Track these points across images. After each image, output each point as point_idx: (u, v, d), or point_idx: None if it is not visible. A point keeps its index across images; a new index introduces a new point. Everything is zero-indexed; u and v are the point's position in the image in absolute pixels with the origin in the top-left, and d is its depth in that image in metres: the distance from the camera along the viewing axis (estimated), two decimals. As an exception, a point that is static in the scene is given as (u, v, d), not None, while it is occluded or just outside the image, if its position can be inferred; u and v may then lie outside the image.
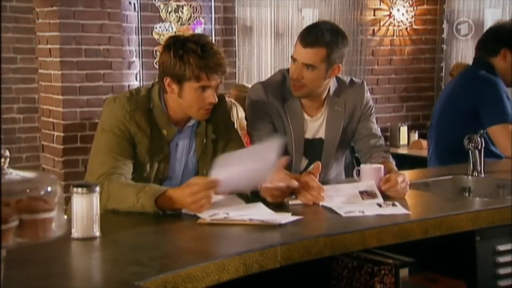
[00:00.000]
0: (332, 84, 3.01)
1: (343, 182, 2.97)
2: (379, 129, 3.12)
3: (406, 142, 6.59)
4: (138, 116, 2.61)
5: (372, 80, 6.70)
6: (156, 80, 2.71)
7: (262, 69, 6.02)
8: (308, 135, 3.01)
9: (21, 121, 6.20)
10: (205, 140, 2.73)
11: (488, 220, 2.51)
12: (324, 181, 3.02)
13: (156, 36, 5.58)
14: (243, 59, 6.02)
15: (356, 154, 3.23)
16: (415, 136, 6.58)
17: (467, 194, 3.13)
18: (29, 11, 5.98)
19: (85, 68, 5.26)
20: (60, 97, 5.22)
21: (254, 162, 2.45)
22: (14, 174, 1.45)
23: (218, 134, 2.77)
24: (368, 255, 2.43)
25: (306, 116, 3.00)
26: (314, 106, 3.01)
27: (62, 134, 5.22)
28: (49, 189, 1.44)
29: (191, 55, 2.53)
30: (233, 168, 2.42)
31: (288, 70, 3.00)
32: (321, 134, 3.02)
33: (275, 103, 2.96)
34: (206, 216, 2.34)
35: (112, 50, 5.32)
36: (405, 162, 5.59)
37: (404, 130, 6.60)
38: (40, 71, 5.47)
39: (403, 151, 6.46)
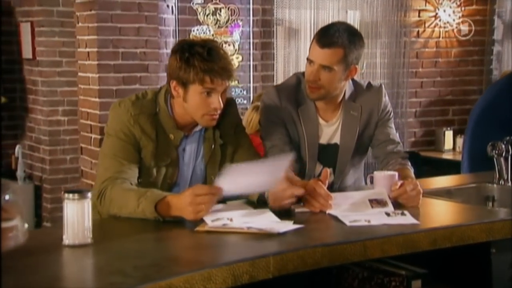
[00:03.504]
0: (348, 88, 2.93)
1: (361, 189, 2.90)
2: (397, 134, 3.03)
3: (451, 147, 6.41)
4: (143, 120, 2.58)
5: (416, 83, 6.56)
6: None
7: (301, 72, 5.93)
8: (323, 140, 2.93)
9: (66, 123, 6.28)
10: (213, 146, 2.69)
11: (504, 231, 2.40)
12: (341, 188, 2.96)
13: (193, 39, 5.56)
14: (281, 62, 5.95)
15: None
16: (461, 141, 6.38)
17: (490, 203, 3.00)
18: (73, 16, 6.05)
19: (122, 71, 5.28)
20: (97, 100, 5.26)
21: (261, 176, 2.42)
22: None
23: (226, 139, 2.72)
24: (381, 265, 2.35)
25: (321, 121, 2.93)
26: (330, 111, 2.93)
27: (98, 137, 5.25)
28: (7, 197, 1.41)
29: (197, 58, 2.50)
30: (239, 179, 2.38)
31: (303, 73, 2.93)
32: (336, 140, 2.94)
33: (288, 107, 2.89)
34: (208, 220, 2.30)
35: (148, 53, 5.33)
36: (450, 167, 5.42)
37: (449, 134, 6.43)
38: (79, 74, 5.52)
39: (447, 156, 6.29)
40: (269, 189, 2.45)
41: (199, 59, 2.49)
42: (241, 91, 5.91)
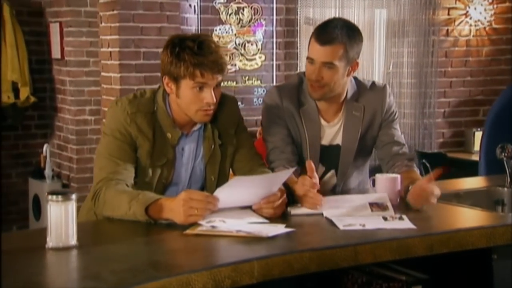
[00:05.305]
0: (350, 87, 2.86)
1: (366, 192, 2.84)
2: (402, 135, 2.93)
3: (481, 148, 6.26)
4: (139, 119, 2.55)
5: (444, 82, 6.42)
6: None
7: (325, 71, 5.85)
8: (325, 141, 2.87)
9: (92, 122, 6.31)
10: (213, 146, 2.65)
11: (506, 237, 2.31)
12: (344, 190, 2.90)
13: (216, 39, 5.52)
14: (305, 62, 5.85)
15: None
16: (491, 141, 6.24)
17: (500, 208, 2.90)
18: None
19: (143, 71, 5.28)
20: (118, 99, 5.26)
21: (259, 189, 2.39)
22: None
23: (226, 139, 2.67)
24: (382, 270, 2.30)
25: (322, 122, 2.86)
26: (332, 111, 2.86)
27: (120, 137, 5.25)
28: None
29: (187, 52, 2.46)
30: (238, 192, 2.36)
31: (305, 73, 2.88)
32: (338, 141, 2.87)
33: (289, 107, 2.83)
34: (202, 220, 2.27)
35: (170, 53, 5.30)
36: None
37: (479, 135, 6.24)
38: (102, 73, 5.55)
39: (477, 157, 6.12)
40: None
41: (190, 53, 2.45)
42: (263, 90, 5.86)
